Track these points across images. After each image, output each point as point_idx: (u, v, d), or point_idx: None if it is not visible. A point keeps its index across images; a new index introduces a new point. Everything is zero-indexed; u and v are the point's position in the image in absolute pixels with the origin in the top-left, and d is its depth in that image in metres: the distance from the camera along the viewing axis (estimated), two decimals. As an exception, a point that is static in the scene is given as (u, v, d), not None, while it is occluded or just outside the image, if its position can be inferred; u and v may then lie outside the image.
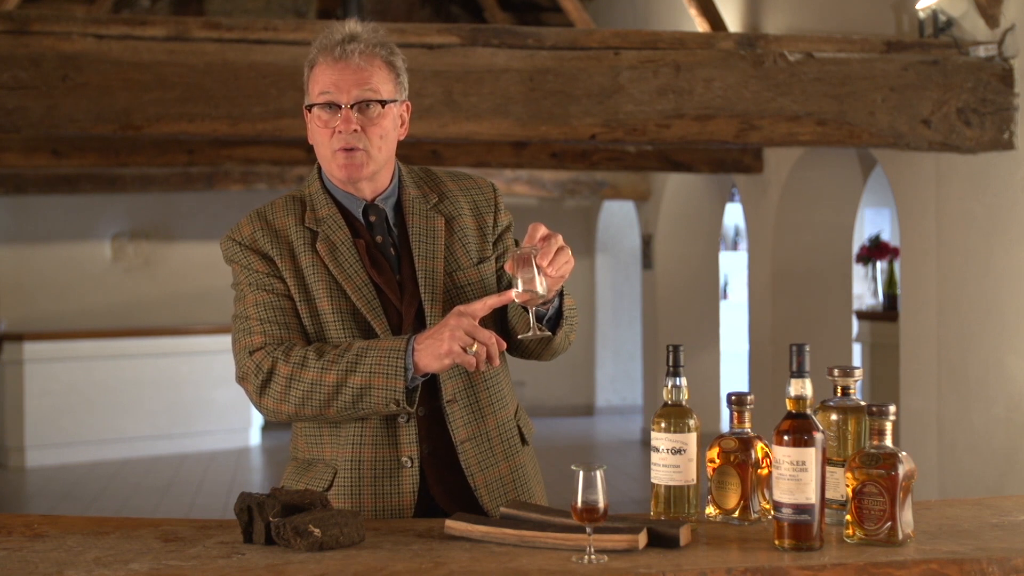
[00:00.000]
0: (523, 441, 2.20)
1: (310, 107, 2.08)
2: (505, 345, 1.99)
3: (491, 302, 1.97)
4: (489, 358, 1.95)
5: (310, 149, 6.87)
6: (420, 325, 2.09)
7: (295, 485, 2.12)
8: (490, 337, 1.94)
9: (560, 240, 1.96)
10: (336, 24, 2.08)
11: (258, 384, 2.03)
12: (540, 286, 1.91)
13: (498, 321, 2.17)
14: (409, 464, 2.06)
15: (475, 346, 1.93)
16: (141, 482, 7.69)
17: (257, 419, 9.14)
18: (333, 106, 2.04)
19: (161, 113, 3.83)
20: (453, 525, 1.84)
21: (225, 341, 8.89)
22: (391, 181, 2.16)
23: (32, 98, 3.75)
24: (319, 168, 2.18)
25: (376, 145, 2.07)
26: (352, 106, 2.03)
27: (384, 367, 1.96)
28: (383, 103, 2.06)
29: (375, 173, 2.10)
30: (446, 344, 1.93)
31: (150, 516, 5.49)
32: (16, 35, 3.75)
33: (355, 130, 2.04)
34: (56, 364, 8.35)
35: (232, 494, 6.95)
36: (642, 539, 1.74)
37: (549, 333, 2.02)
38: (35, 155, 6.80)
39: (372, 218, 2.14)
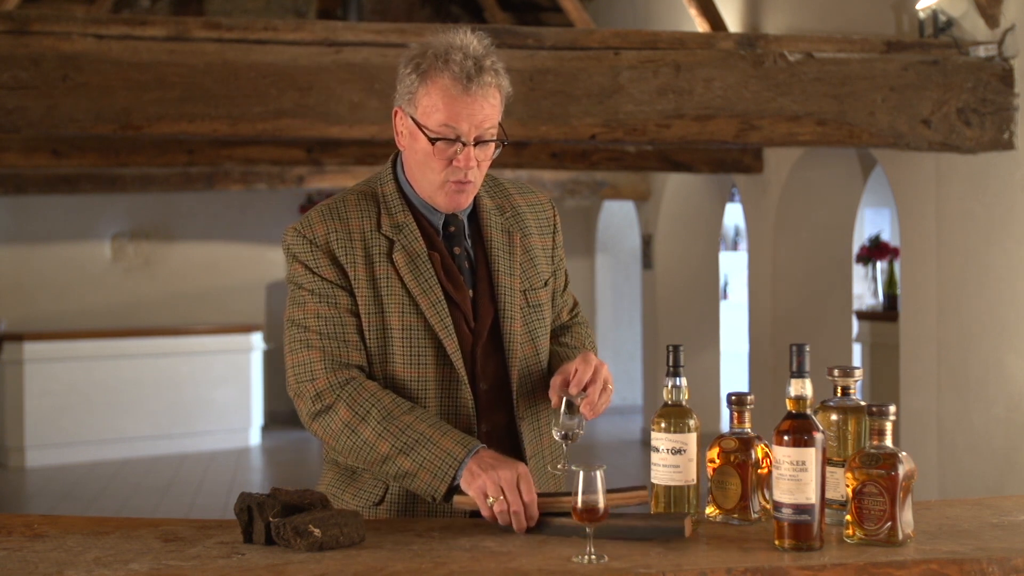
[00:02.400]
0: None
1: (432, 140, 1.97)
2: (535, 522, 1.87)
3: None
4: (515, 523, 1.86)
5: (310, 149, 6.89)
6: (493, 343, 2.06)
7: (340, 494, 2.07)
8: (518, 505, 1.84)
9: (604, 373, 1.97)
10: (452, 34, 1.98)
11: (313, 412, 1.99)
12: (580, 428, 1.96)
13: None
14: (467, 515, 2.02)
15: (495, 501, 1.85)
16: (141, 482, 7.69)
17: (257, 419, 9.14)
18: (455, 140, 1.96)
19: (161, 113, 3.83)
20: (462, 500, 1.90)
21: (225, 341, 8.95)
22: None
23: (32, 98, 3.75)
24: (394, 165, 2.10)
25: (482, 175, 2.04)
26: (474, 143, 1.98)
27: (435, 467, 1.90)
28: (501, 141, 2.02)
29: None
30: (480, 482, 1.86)
31: (150, 516, 5.49)
32: (16, 35, 3.75)
33: (473, 166, 1.98)
34: (56, 364, 8.35)
35: (232, 494, 6.95)
36: (643, 492, 1.80)
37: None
38: (35, 155, 6.80)
39: (451, 228, 2.08)
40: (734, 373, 9.52)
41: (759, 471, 1.92)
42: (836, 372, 1.95)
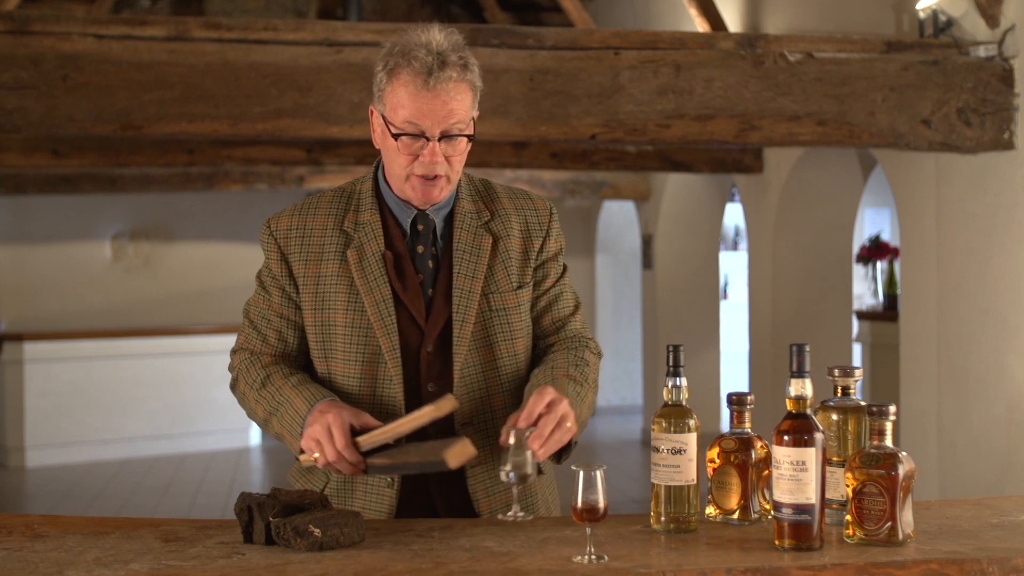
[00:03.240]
0: (539, 470, 2.11)
1: (396, 135, 1.98)
2: (362, 470, 1.94)
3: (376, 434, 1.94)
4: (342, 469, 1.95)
5: (310, 149, 6.89)
6: (445, 345, 2.05)
7: (295, 485, 2.14)
8: (333, 456, 1.92)
9: (562, 408, 1.92)
10: (420, 32, 1.99)
11: (230, 384, 2.19)
12: (530, 467, 1.86)
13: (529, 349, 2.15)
14: (390, 485, 2.05)
15: (316, 455, 1.94)
16: (141, 482, 7.69)
17: (257, 419, 9.14)
18: (419, 136, 1.97)
19: (161, 113, 3.83)
20: (304, 458, 1.97)
21: (225, 341, 8.94)
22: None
23: (32, 98, 3.75)
24: (378, 167, 2.12)
25: (456, 170, 2.03)
26: (439, 138, 1.98)
27: (291, 426, 2.01)
28: (469, 137, 2.01)
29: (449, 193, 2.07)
30: (305, 439, 1.97)
31: (150, 516, 5.49)
32: (16, 35, 3.74)
33: (439, 161, 1.98)
34: (56, 364, 8.35)
35: (232, 494, 6.95)
36: (447, 404, 1.87)
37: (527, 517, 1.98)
38: (35, 155, 6.80)
39: (420, 227, 2.08)
40: (734, 373, 9.53)
41: (759, 471, 1.92)
42: (836, 372, 1.95)
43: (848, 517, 1.80)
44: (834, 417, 1.92)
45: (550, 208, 2.17)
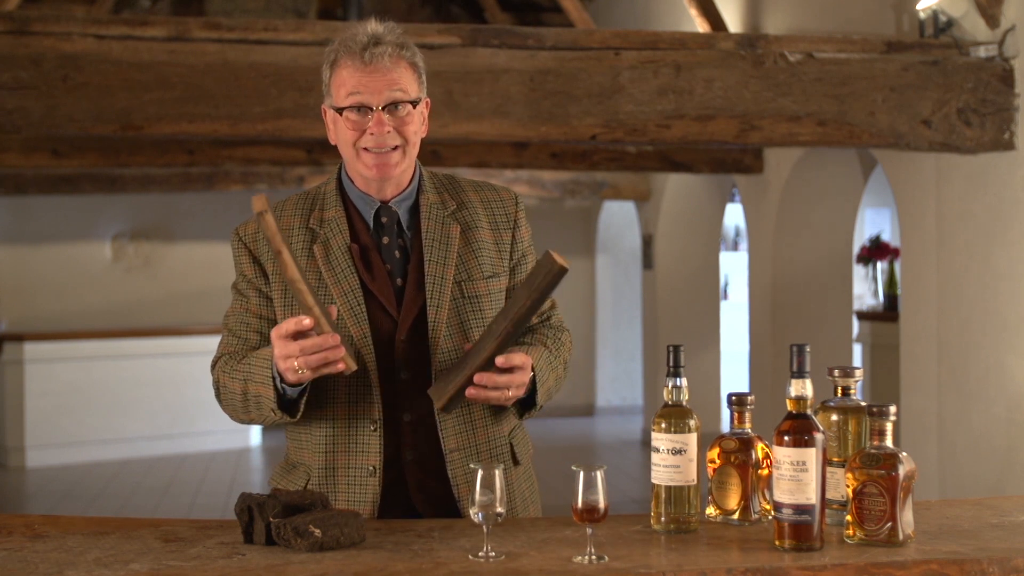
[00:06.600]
0: (515, 460, 2.16)
1: (339, 110, 2.05)
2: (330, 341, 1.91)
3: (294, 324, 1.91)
4: (329, 363, 1.89)
5: (310, 149, 6.89)
6: (419, 333, 2.07)
7: (277, 485, 2.16)
8: (301, 343, 1.88)
9: (520, 378, 1.97)
10: (357, 25, 2.07)
11: (214, 393, 2.16)
12: (499, 505, 1.73)
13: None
14: (372, 472, 2.05)
15: (295, 364, 1.89)
16: (141, 482, 7.69)
17: (257, 419, 9.14)
18: (363, 108, 2.03)
19: (161, 113, 3.82)
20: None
21: (225, 341, 8.95)
22: (410, 183, 2.13)
23: (32, 98, 3.75)
24: (341, 167, 2.17)
25: (410, 141, 2.07)
26: (383, 108, 2.03)
27: (261, 375, 1.99)
28: (413, 103, 2.06)
29: (405, 171, 2.09)
30: (282, 368, 1.92)
31: (150, 516, 5.49)
32: (16, 35, 3.74)
33: (388, 131, 2.03)
34: (56, 364, 8.35)
35: (232, 494, 6.95)
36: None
37: None
38: (35, 155, 6.80)
39: (384, 219, 2.11)
40: (734, 373, 9.52)
41: (759, 471, 1.92)
42: (836, 372, 1.95)
43: (848, 517, 1.80)
44: (834, 417, 1.93)
45: (515, 198, 2.21)
